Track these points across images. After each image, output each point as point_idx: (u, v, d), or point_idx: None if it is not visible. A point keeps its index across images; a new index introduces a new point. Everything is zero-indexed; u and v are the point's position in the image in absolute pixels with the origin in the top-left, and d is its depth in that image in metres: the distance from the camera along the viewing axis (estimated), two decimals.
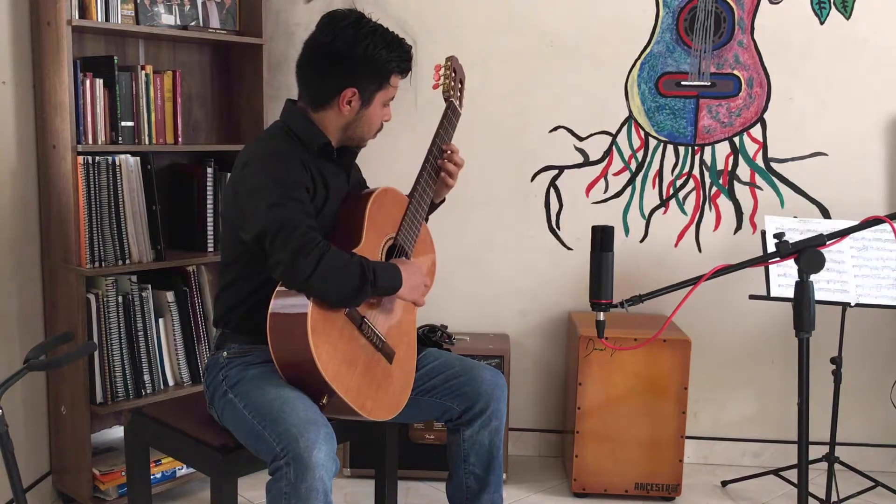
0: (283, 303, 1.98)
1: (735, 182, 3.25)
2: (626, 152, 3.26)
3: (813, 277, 1.85)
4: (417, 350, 2.27)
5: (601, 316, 1.90)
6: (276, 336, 1.98)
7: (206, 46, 3.15)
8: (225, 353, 2.14)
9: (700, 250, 3.29)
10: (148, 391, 2.81)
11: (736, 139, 3.23)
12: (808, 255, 1.84)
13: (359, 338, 2.05)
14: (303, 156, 2.10)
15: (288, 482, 1.82)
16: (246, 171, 2.07)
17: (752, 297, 2.79)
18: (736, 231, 3.28)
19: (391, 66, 2.13)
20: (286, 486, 1.82)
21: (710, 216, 3.28)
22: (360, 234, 2.10)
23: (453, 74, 2.39)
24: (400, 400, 2.14)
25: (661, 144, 3.25)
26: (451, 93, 2.38)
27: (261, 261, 2.01)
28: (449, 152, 2.31)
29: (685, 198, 3.28)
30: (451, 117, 2.36)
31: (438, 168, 2.31)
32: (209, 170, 2.95)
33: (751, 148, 3.23)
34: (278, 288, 1.99)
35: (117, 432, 2.97)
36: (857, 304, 2.77)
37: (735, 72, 3.19)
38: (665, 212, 3.29)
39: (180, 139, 2.93)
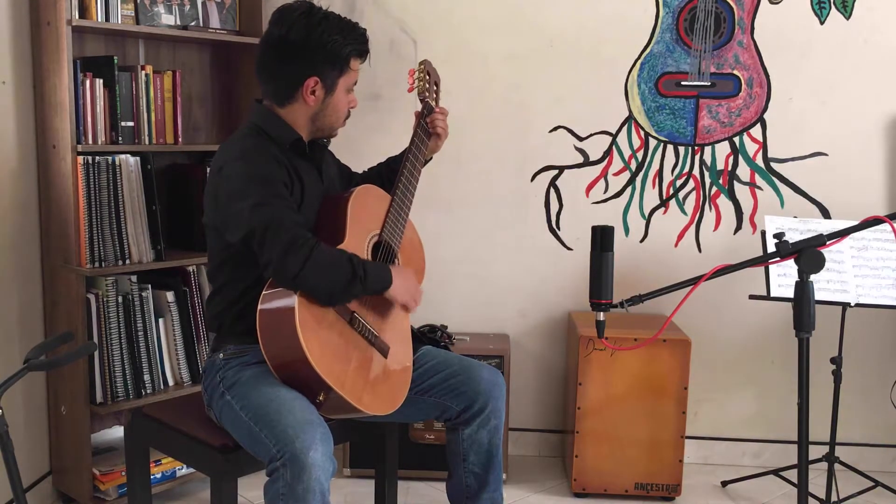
0: (271, 300, 1.98)
1: (735, 182, 3.25)
2: (626, 152, 3.26)
3: (813, 277, 1.85)
4: (414, 347, 2.27)
5: (601, 316, 1.91)
6: (267, 334, 1.97)
7: (206, 46, 3.15)
8: (221, 355, 2.14)
9: (700, 250, 3.29)
10: (148, 391, 2.81)
11: (736, 139, 3.23)
12: (808, 255, 1.84)
13: (350, 333, 2.04)
14: (276, 153, 2.10)
15: (284, 483, 1.82)
16: (223, 173, 2.06)
17: (752, 297, 2.79)
18: (736, 231, 3.28)
19: (348, 49, 2.13)
20: (283, 487, 1.82)
21: (710, 216, 3.27)
22: (342, 232, 2.09)
23: (427, 77, 2.41)
24: (398, 394, 2.14)
25: (661, 144, 3.25)
26: (427, 94, 2.40)
27: (249, 261, 2.01)
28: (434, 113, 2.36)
29: (685, 198, 3.27)
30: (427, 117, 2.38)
31: (419, 162, 2.33)
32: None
33: (751, 148, 3.23)
34: (266, 286, 1.99)
35: (117, 432, 2.97)
36: (857, 304, 2.77)
37: (735, 72, 3.19)
38: (665, 212, 3.29)
39: (180, 139, 2.93)
